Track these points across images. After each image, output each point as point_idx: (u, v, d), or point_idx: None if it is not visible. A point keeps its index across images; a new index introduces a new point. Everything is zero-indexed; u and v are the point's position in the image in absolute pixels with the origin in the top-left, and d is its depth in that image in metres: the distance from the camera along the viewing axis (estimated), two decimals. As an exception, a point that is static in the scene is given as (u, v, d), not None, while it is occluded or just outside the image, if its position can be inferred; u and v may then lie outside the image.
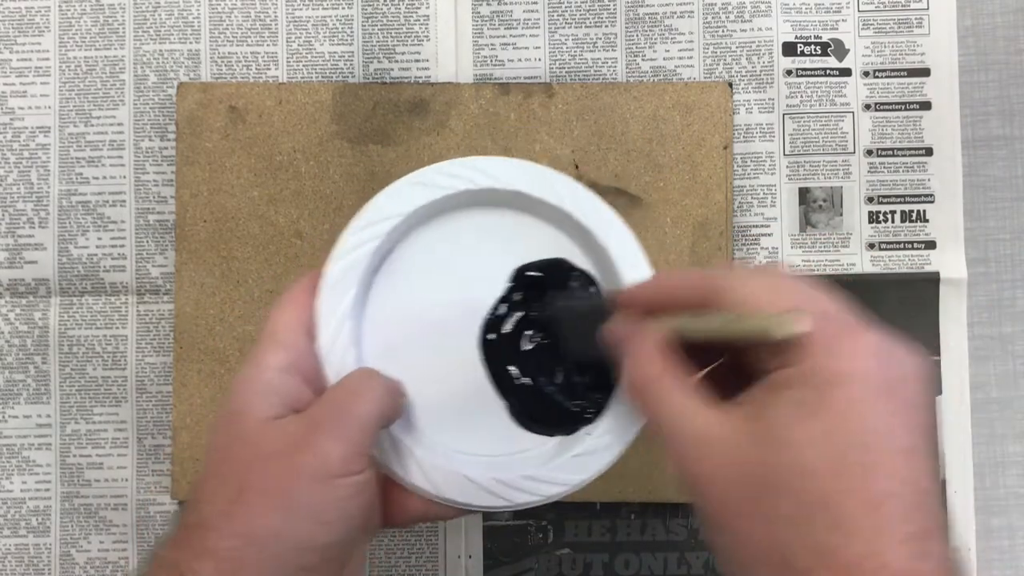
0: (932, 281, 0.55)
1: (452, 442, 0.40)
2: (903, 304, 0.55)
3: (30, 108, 0.56)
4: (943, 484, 0.54)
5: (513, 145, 0.54)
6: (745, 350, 0.32)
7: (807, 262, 0.55)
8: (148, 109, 0.55)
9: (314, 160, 0.54)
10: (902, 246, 0.55)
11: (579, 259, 0.41)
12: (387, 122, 0.54)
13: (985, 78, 0.56)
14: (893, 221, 0.55)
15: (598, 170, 0.54)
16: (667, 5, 0.56)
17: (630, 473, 0.53)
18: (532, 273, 0.41)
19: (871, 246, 0.55)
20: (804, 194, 0.55)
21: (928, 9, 0.56)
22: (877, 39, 0.56)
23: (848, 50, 0.56)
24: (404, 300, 0.40)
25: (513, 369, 0.40)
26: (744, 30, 0.56)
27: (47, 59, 0.56)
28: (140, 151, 0.55)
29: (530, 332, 0.41)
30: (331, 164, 0.54)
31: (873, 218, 0.55)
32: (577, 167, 0.54)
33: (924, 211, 0.55)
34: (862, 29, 0.56)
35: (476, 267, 0.41)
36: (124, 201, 0.55)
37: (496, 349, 0.40)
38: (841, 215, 0.55)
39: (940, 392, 0.54)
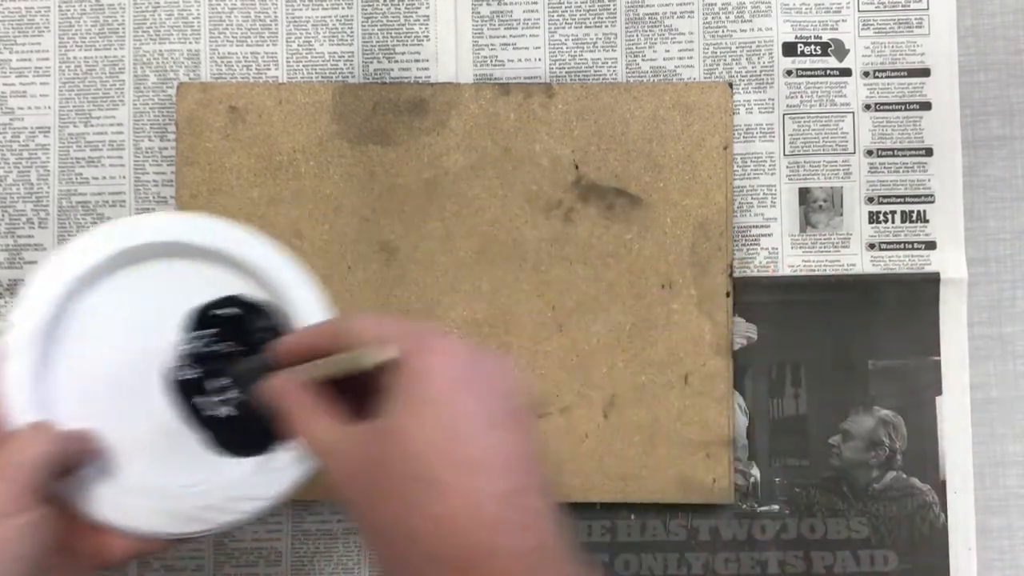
0: (932, 281, 0.55)
1: (156, 478, 0.44)
2: (903, 304, 0.55)
3: (30, 108, 0.56)
4: (943, 484, 0.54)
5: (513, 145, 0.54)
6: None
7: (807, 262, 0.55)
8: (148, 109, 0.55)
9: (314, 160, 0.54)
10: (902, 246, 0.55)
11: (250, 290, 0.46)
12: (387, 122, 0.54)
13: (985, 78, 0.56)
14: (893, 221, 0.55)
15: (598, 170, 0.54)
16: (667, 5, 0.56)
17: (630, 473, 0.53)
18: (216, 312, 0.46)
19: (871, 246, 0.55)
20: (804, 194, 0.55)
21: (928, 9, 0.56)
22: (877, 39, 0.56)
23: (848, 50, 0.56)
24: (95, 352, 0.44)
25: (201, 402, 0.45)
26: (744, 30, 0.56)
27: (47, 59, 0.56)
28: (140, 151, 0.55)
29: (213, 366, 0.45)
30: (331, 164, 0.54)
31: (873, 218, 0.55)
32: (577, 167, 0.54)
33: (924, 211, 0.55)
34: (862, 29, 0.56)
35: (162, 313, 0.45)
36: (124, 201, 0.55)
37: (183, 386, 0.45)
38: (841, 215, 0.55)
39: (940, 392, 0.54)
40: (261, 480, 0.43)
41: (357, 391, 0.39)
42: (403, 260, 0.53)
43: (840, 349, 0.54)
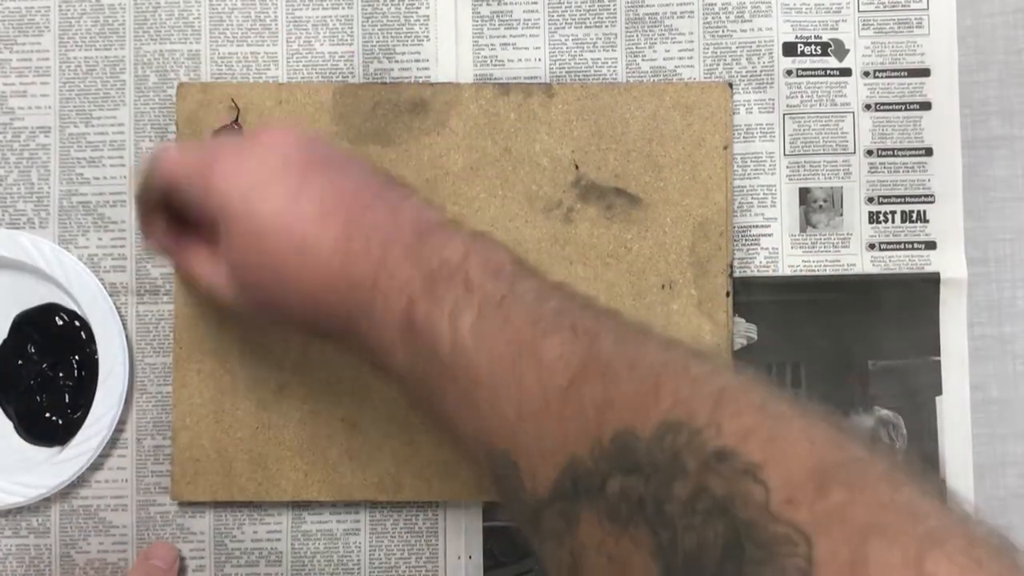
0: (932, 281, 0.55)
1: None
2: (903, 304, 0.55)
3: (30, 108, 0.56)
4: (943, 483, 0.54)
5: (513, 145, 0.54)
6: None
7: (807, 262, 0.55)
8: (148, 109, 0.55)
9: (314, 160, 0.54)
10: (902, 246, 0.55)
11: (68, 301, 0.54)
12: (387, 122, 0.54)
13: (985, 78, 0.56)
14: (893, 221, 0.55)
15: (598, 170, 0.54)
16: (667, 5, 0.56)
17: (630, 473, 0.53)
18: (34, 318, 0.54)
19: (871, 246, 0.55)
20: (804, 194, 0.55)
21: (928, 9, 0.56)
22: (877, 39, 0.56)
23: (848, 50, 0.56)
24: None
25: (10, 394, 0.54)
26: (744, 30, 0.56)
27: (47, 59, 0.56)
28: (140, 151, 0.55)
29: (24, 363, 0.54)
30: (331, 164, 0.54)
31: (873, 218, 0.55)
32: (577, 167, 0.54)
33: (924, 211, 0.55)
34: (862, 29, 0.56)
35: None
36: (124, 201, 0.55)
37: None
38: (841, 215, 0.55)
39: (940, 392, 0.54)
40: (46, 469, 0.52)
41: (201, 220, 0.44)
42: (403, 260, 0.53)
43: (840, 349, 0.54)
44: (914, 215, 0.55)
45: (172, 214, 0.46)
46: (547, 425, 0.33)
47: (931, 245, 0.55)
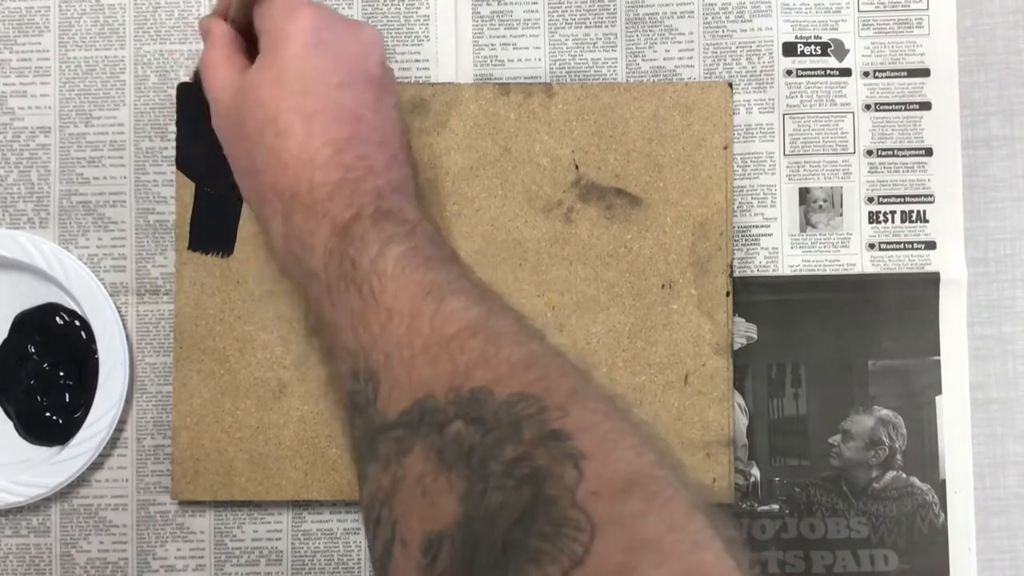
0: (932, 281, 0.55)
1: None
2: (903, 304, 0.55)
3: (30, 108, 0.56)
4: (943, 484, 0.54)
5: (513, 145, 0.54)
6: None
7: (807, 262, 0.55)
8: (148, 109, 0.55)
9: (314, 160, 0.54)
10: (902, 246, 0.55)
11: (68, 301, 0.54)
12: (387, 122, 0.54)
13: (985, 78, 0.56)
14: (893, 221, 0.55)
15: (598, 170, 0.54)
16: (667, 5, 0.56)
17: (630, 473, 0.53)
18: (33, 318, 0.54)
19: (871, 246, 0.55)
20: (804, 194, 0.55)
21: (928, 9, 0.56)
22: (877, 39, 0.56)
23: (848, 50, 0.56)
24: None
25: (12, 395, 0.54)
26: (744, 30, 0.56)
27: (47, 59, 0.56)
28: (140, 151, 0.55)
29: (24, 363, 0.54)
30: (331, 164, 0.54)
31: (873, 218, 0.55)
32: (577, 167, 0.54)
33: (924, 211, 0.55)
34: (862, 29, 0.56)
35: None
36: (124, 201, 0.55)
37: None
38: (841, 215, 0.55)
39: (940, 392, 0.54)
40: (46, 469, 0.52)
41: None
42: (403, 260, 0.53)
43: (840, 349, 0.54)
44: (914, 215, 0.55)
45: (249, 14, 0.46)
46: (421, 361, 0.36)
47: (931, 245, 0.55)
